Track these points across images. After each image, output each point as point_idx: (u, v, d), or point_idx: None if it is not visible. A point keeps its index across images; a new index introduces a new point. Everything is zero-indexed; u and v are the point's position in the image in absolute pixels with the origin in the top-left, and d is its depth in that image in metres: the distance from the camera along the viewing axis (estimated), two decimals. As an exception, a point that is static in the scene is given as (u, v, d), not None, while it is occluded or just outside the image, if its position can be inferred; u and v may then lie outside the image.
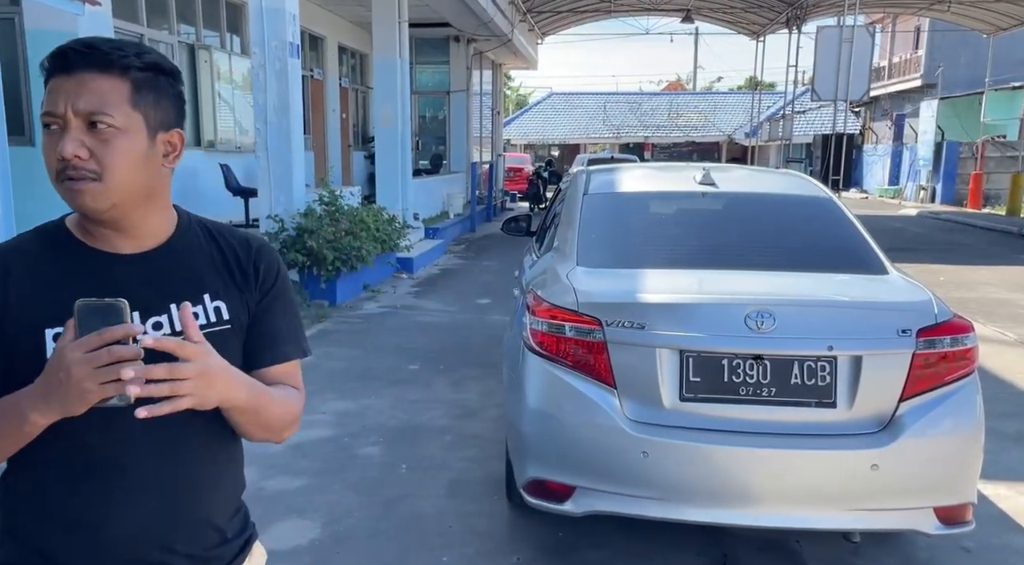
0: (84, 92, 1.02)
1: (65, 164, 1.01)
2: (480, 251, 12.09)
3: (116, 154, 1.03)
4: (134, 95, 1.05)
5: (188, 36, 9.16)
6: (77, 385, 0.92)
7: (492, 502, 3.36)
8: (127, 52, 1.05)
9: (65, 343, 0.93)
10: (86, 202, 1.03)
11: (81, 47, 1.03)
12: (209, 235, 1.21)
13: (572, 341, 2.66)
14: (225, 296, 1.16)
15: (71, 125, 1.02)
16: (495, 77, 20.01)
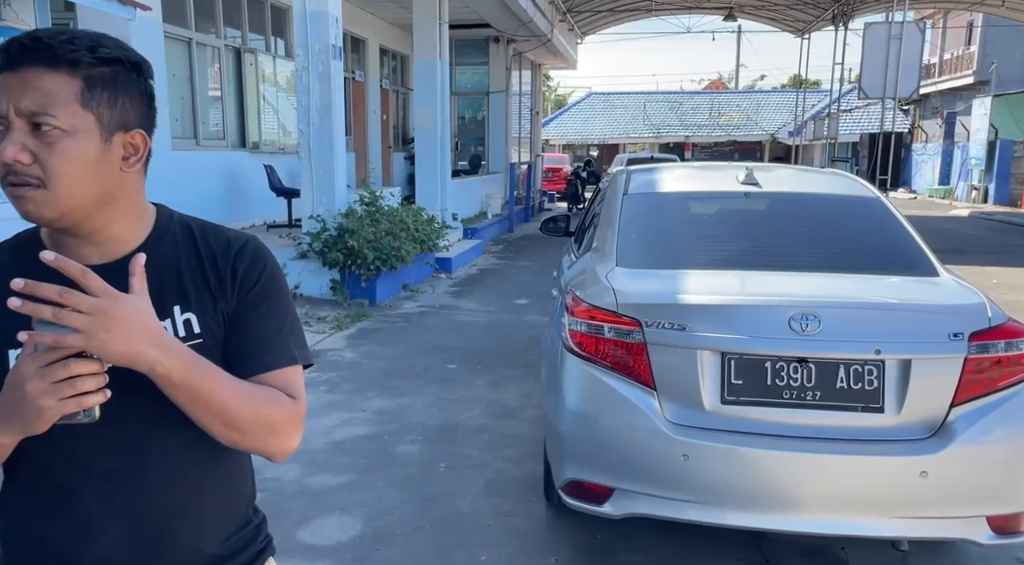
0: (27, 90, 0.92)
1: (7, 168, 0.92)
2: (518, 251, 12.10)
3: (61, 159, 0.93)
4: (85, 93, 0.94)
5: (234, 39, 9.36)
6: (33, 402, 0.85)
7: (530, 502, 3.36)
8: (78, 45, 0.94)
9: (22, 357, 0.87)
10: (30, 210, 0.94)
11: (27, 40, 0.93)
12: (190, 238, 1.09)
13: (611, 342, 2.65)
14: (197, 307, 1.04)
15: (13, 126, 0.92)
16: (534, 77, 20.01)
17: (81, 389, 0.86)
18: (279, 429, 1.05)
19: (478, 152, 17.07)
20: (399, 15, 13.22)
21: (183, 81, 8.28)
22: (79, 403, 0.86)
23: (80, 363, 0.85)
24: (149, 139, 1.03)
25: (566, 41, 17.97)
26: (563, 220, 5.07)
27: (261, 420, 1.02)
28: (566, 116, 34.22)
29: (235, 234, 1.12)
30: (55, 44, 0.93)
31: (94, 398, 0.87)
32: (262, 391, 1.03)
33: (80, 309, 0.84)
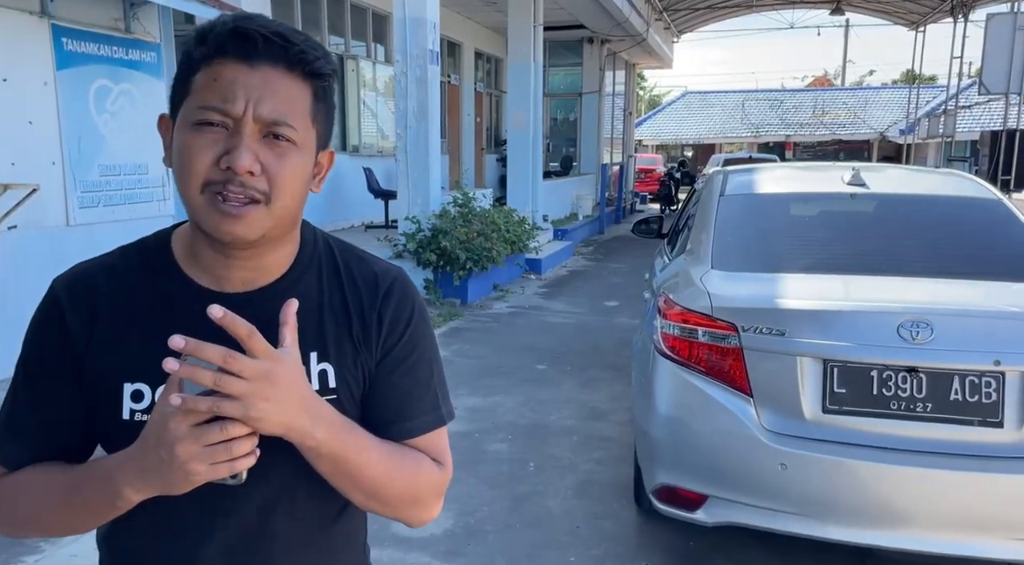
0: (270, 94, 0.82)
1: (229, 177, 0.81)
2: (608, 253, 12.01)
3: (290, 174, 0.84)
4: (313, 105, 0.86)
5: (338, 47, 9.74)
6: (182, 466, 0.76)
7: (620, 505, 3.34)
8: (318, 51, 0.86)
9: (166, 406, 0.76)
10: (238, 231, 0.83)
11: (271, 34, 0.82)
12: (333, 267, 0.97)
13: (706, 346, 2.60)
14: (335, 357, 0.92)
15: (245, 129, 0.81)
16: (628, 77, 19.81)
17: (237, 454, 0.77)
18: (422, 500, 0.97)
19: (569, 153, 17.05)
20: (495, 19, 13.39)
21: (289, 88, 8.68)
22: (231, 468, 0.77)
23: (237, 425, 0.76)
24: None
25: (661, 40, 17.70)
26: (655, 222, 5.01)
27: (406, 492, 0.94)
28: (660, 116, 33.67)
29: (381, 267, 1.00)
30: (303, 47, 0.84)
31: (246, 461, 0.78)
32: (409, 460, 0.94)
33: (243, 375, 0.75)
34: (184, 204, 0.86)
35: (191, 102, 0.84)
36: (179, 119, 0.85)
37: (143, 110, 5.42)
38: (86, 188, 4.96)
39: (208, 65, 0.83)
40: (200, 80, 0.83)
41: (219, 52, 0.82)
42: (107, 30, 5.09)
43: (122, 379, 0.88)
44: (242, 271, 0.90)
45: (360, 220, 9.75)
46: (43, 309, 0.92)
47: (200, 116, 0.82)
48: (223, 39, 0.82)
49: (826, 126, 29.83)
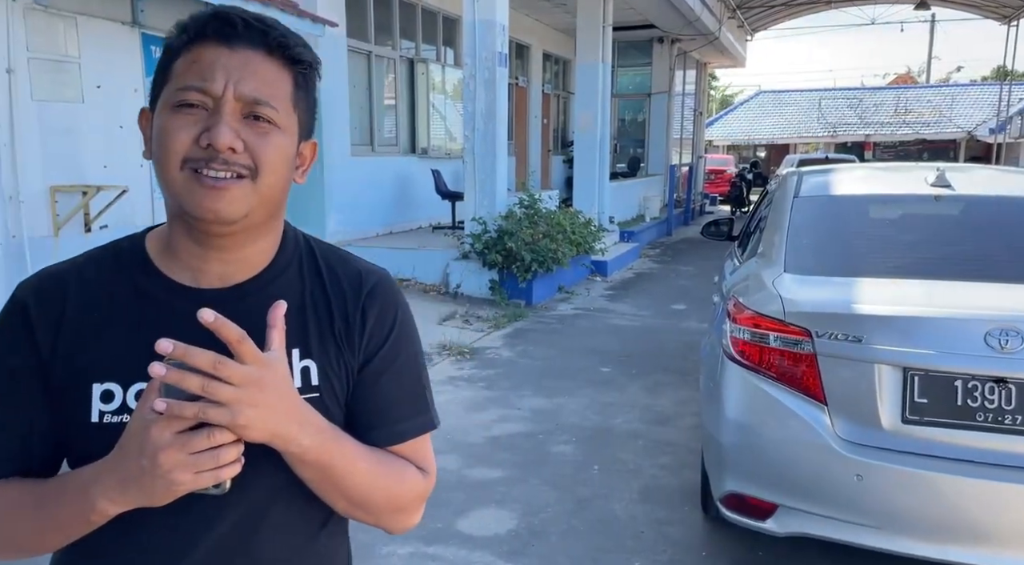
0: (250, 74, 0.81)
1: (211, 155, 0.79)
2: (676, 255, 11.83)
3: (273, 154, 0.83)
4: (295, 92, 0.86)
5: (408, 51, 9.91)
6: (165, 475, 0.73)
7: (685, 511, 3.29)
8: (298, 39, 0.86)
9: (146, 414, 0.73)
10: (221, 206, 0.80)
11: (253, 20, 0.83)
12: (314, 264, 0.95)
13: (777, 352, 2.53)
14: (318, 354, 0.89)
15: (226, 109, 0.80)
16: (699, 77, 19.46)
17: (223, 462, 0.74)
18: (406, 507, 0.95)
19: (637, 154, 16.88)
20: (563, 20, 13.38)
21: (362, 91, 8.89)
22: (217, 476, 0.74)
23: (224, 432, 0.73)
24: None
25: (734, 38, 17.32)
26: (726, 224, 4.90)
27: (391, 500, 0.92)
28: (732, 116, 32.94)
29: (365, 267, 0.97)
30: (284, 33, 0.84)
31: (231, 469, 0.75)
32: (394, 468, 0.92)
33: (232, 381, 0.73)
34: (164, 188, 0.83)
35: (170, 87, 0.82)
36: (159, 105, 0.83)
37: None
38: (171, 189, 5.21)
39: (187, 50, 0.82)
40: (180, 65, 0.82)
41: (199, 36, 0.82)
42: (192, 38, 5.34)
43: (91, 380, 0.83)
44: (220, 265, 0.87)
45: (427, 221, 9.90)
46: (7, 315, 0.86)
47: (179, 97, 0.81)
48: (203, 23, 0.82)
49: (909, 125, 28.54)
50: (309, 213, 7.94)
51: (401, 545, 2.99)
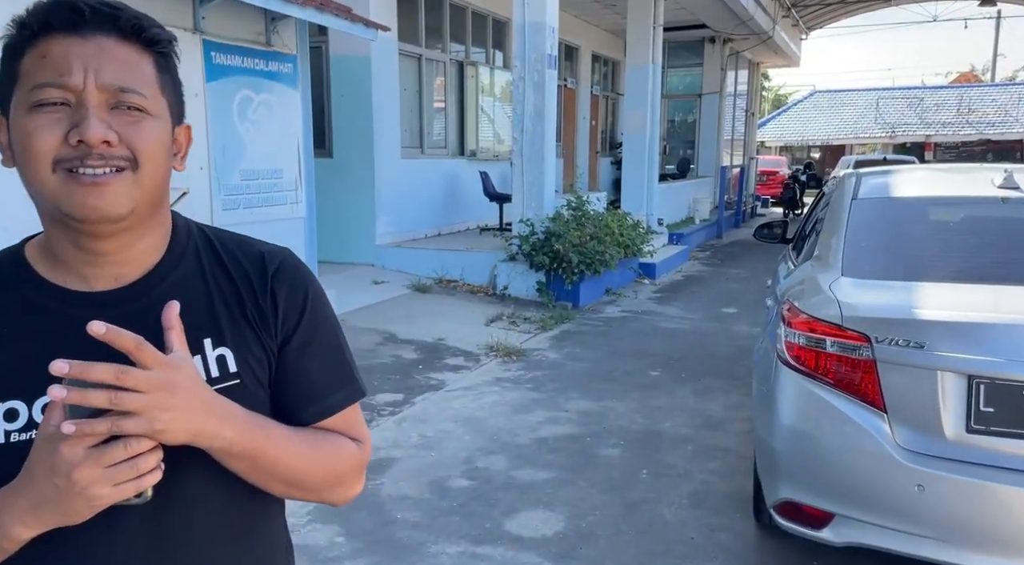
0: (108, 61, 0.76)
1: (85, 152, 0.74)
2: (727, 258, 11.64)
3: (151, 140, 0.78)
4: (159, 75, 0.81)
5: (458, 54, 9.99)
6: (83, 492, 0.70)
7: (737, 518, 3.23)
8: (151, 21, 0.81)
9: (51, 431, 0.69)
10: (105, 203, 0.76)
11: (99, 4, 0.77)
12: (212, 252, 0.91)
13: (834, 357, 2.47)
14: (232, 341, 0.86)
15: (91, 101, 0.75)
16: (751, 77, 19.14)
17: (143, 470, 0.71)
18: (345, 479, 0.94)
19: (687, 156, 16.68)
20: (614, 21, 13.31)
21: (412, 95, 9.00)
22: (138, 486, 0.71)
23: (141, 440, 0.71)
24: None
25: (788, 37, 16.97)
26: (779, 226, 4.81)
27: (328, 476, 0.91)
28: (785, 116, 32.26)
29: (267, 247, 0.94)
30: (130, 13, 0.79)
31: (152, 477, 0.72)
32: (327, 444, 0.91)
33: (139, 389, 0.70)
34: (36, 195, 0.78)
35: (22, 87, 0.76)
36: (13, 110, 0.77)
37: (280, 118, 5.79)
38: (228, 191, 5.35)
39: (33, 46, 0.76)
40: (27, 62, 0.76)
41: (44, 29, 0.75)
42: (250, 44, 5.48)
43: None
44: (111, 266, 0.83)
45: (475, 223, 9.96)
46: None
47: (35, 97, 0.75)
48: (46, 14, 0.75)
49: (972, 125, 27.52)
50: (359, 214, 8.08)
51: (450, 544, 3.02)
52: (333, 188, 7.83)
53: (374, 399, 4.62)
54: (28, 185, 0.78)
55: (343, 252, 7.99)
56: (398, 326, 6.17)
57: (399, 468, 3.72)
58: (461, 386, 5.03)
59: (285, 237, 5.86)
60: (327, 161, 7.91)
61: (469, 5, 9.97)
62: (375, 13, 7.43)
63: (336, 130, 8.12)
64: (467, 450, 3.97)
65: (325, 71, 7.95)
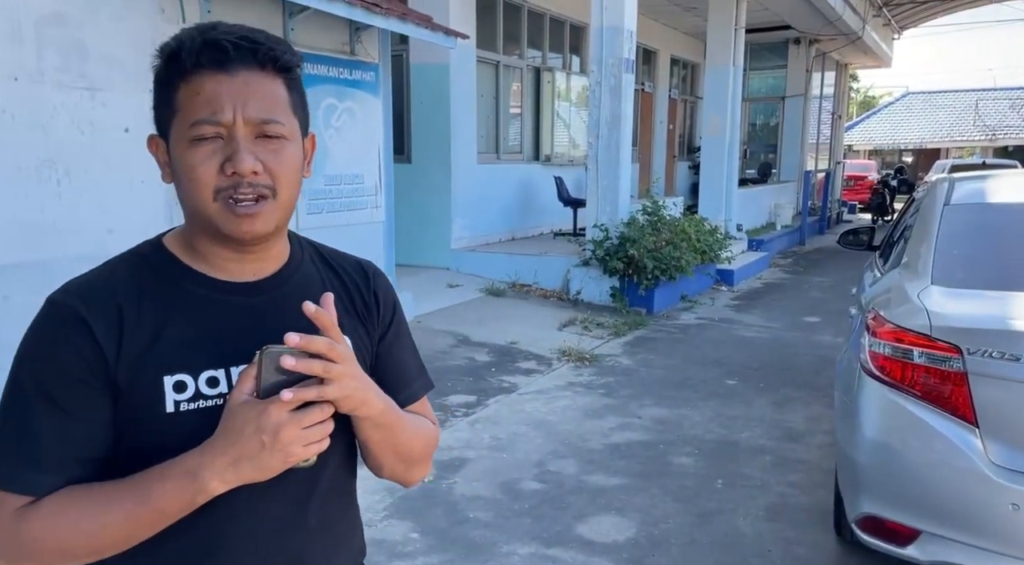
0: (252, 96, 0.87)
1: (237, 181, 0.86)
2: (810, 266, 11.27)
3: (288, 166, 0.90)
4: (291, 97, 0.92)
5: (535, 59, 10.06)
6: (284, 448, 0.82)
7: (816, 532, 3.13)
8: (283, 46, 0.91)
9: (249, 399, 0.83)
10: (256, 227, 0.89)
11: (237, 39, 0.87)
12: (321, 257, 1.06)
13: (922, 369, 2.37)
14: (349, 331, 0.98)
15: (239, 135, 0.86)
16: (838, 78, 18.46)
17: (327, 433, 0.85)
18: (429, 455, 1.09)
19: (768, 160, 16.23)
20: (693, 24, 13.11)
21: (489, 100, 9.12)
22: (320, 447, 0.85)
23: (326, 407, 0.84)
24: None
25: (879, 37, 16.30)
26: (866, 232, 4.63)
27: (424, 450, 1.06)
28: (875, 119, 30.96)
29: (360, 258, 1.10)
30: (266, 43, 0.88)
31: (326, 442, 0.86)
32: (421, 421, 1.07)
33: (339, 361, 0.84)
34: (196, 214, 0.90)
35: (181, 120, 0.87)
36: (173, 138, 0.89)
37: (362, 125, 5.97)
38: (313, 196, 5.56)
39: (187, 81, 0.86)
40: (183, 97, 0.87)
41: (196, 66, 0.86)
42: (335, 53, 5.68)
43: (161, 373, 0.88)
44: (252, 263, 0.95)
45: (549, 228, 9.99)
46: (57, 325, 0.88)
47: (194, 133, 0.86)
48: (196, 53, 0.86)
49: (1082, 126, 25.70)
50: (435, 219, 8.23)
51: (521, 545, 3.05)
52: (411, 193, 8.01)
53: (448, 400, 4.70)
54: (188, 203, 0.90)
55: (419, 256, 8.16)
56: (472, 329, 6.26)
57: (472, 468, 3.78)
58: (533, 390, 5.06)
59: (365, 241, 6.04)
60: (406, 166, 8.10)
61: (547, 11, 10.02)
62: (455, 21, 7.57)
63: (415, 136, 8.31)
64: (539, 453, 3.99)
65: (405, 78, 8.15)
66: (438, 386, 4.88)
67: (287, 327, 0.83)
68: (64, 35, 3.83)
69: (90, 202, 3.95)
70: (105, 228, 3.98)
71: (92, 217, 3.93)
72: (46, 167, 3.79)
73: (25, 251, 3.63)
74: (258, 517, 0.93)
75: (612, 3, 7.31)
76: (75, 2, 3.86)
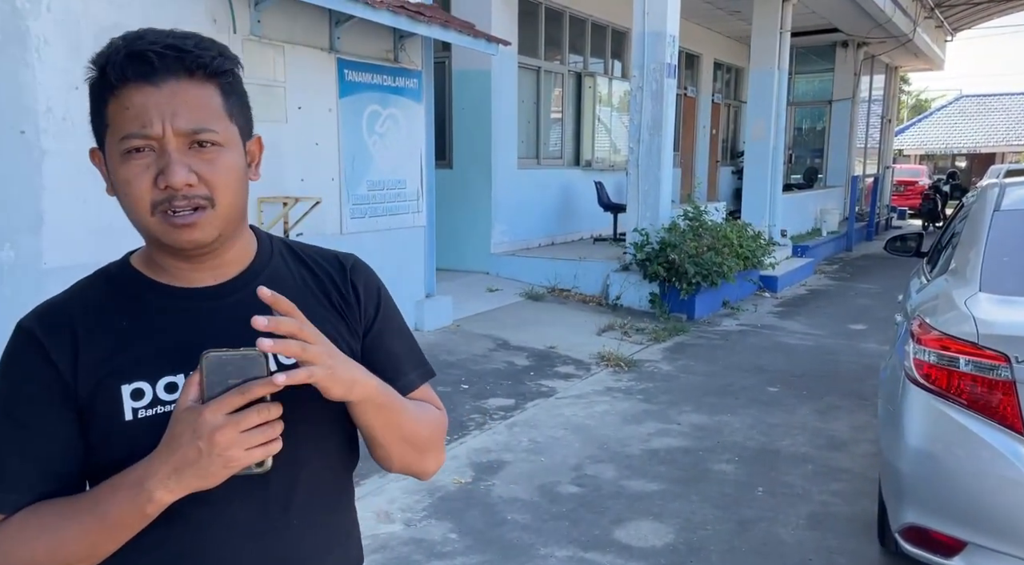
0: (181, 106, 0.85)
1: (171, 195, 0.85)
2: (856, 272, 11.03)
3: (225, 174, 0.88)
4: (225, 102, 0.90)
5: (576, 65, 10.08)
6: (222, 453, 0.78)
7: (859, 542, 3.08)
8: (212, 51, 0.88)
9: (191, 405, 0.80)
10: (195, 236, 0.88)
11: (162, 48, 0.85)
12: (293, 254, 1.04)
13: (968, 377, 2.32)
14: (323, 329, 0.92)
15: (170, 146, 0.85)
16: (888, 82, 18.04)
17: (271, 436, 0.80)
18: (440, 441, 1.06)
19: (814, 165, 15.95)
20: (737, 28, 12.98)
21: (530, 106, 9.16)
22: (266, 451, 0.80)
23: (272, 407, 0.80)
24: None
25: (931, 39, 15.90)
26: (914, 239, 4.53)
27: (432, 435, 1.03)
28: (926, 123, 30.16)
29: (337, 251, 1.08)
30: (194, 50, 0.86)
31: (275, 445, 0.81)
32: (427, 407, 1.04)
33: (311, 341, 0.82)
34: (139, 229, 0.90)
35: (112, 134, 0.87)
36: (108, 153, 0.89)
37: (405, 131, 6.07)
38: (356, 201, 5.66)
39: (115, 95, 0.85)
40: (112, 111, 0.86)
41: (121, 80, 0.84)
42: (379, 61, 5.79)
43: (118, 382, 0.88)
44: (210, 270, 0.95)
45: (589, 233, 9.98)
46: (17, 348, 0.90)
47: (125, 146, 0.85)
48: (121, 66, 0.84)
49: None
50: (476, 223, 8.30)
51: (559, 548, 3.06)
52: (452, 198, 8.09)
53: (486, 403, 4.74)
54: (129, 217, 0.90)
55: (459, 260, 8.24)
56: (511, 333, 6.29)
57: (510, 471, 3.81)
58: (572, 394, 5.06)
59: (406, 245, 6.13)
60: (447, 172, 8.19)
61: (589, 16, 10.04)
62: (497, 28, 7.64)
63: (456, 142, 8.40)
64: (577, 457, 4.00)
65: (447, 85, 8.25)
66: (476, 389, 4.95)
67: (250, 329, 0.80)
68: (122, 46, 3.99)
69: (145, 206, 4.10)
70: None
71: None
72: (104, 172, 3.94)
73: (86, 253, 3.79)
74: (230, 524, 0.91)
75: (654, 8, 7.29)
76: (133, 14, 4.02)
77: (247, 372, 0.79)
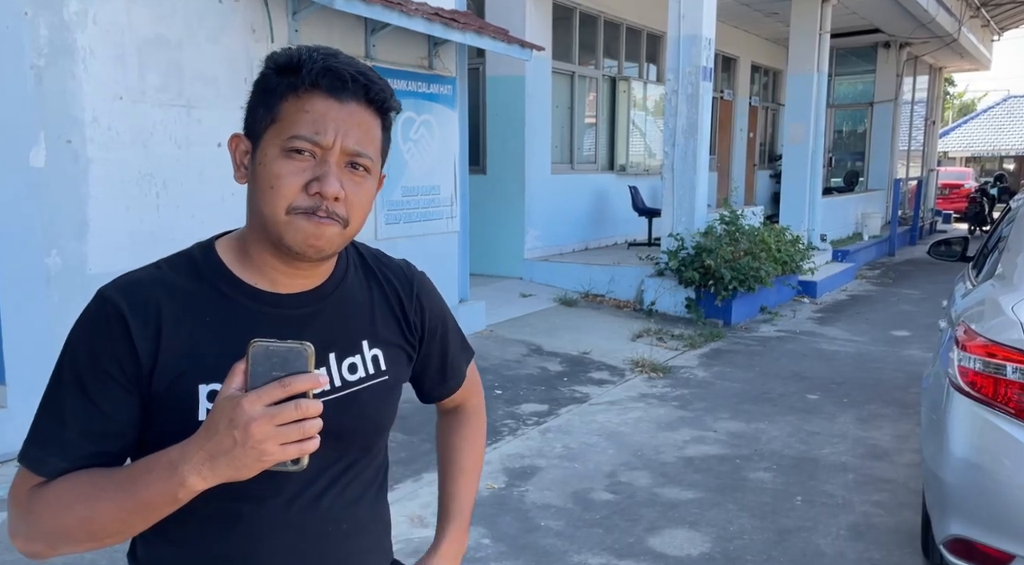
0: (354, 127, 0.90)
1: (317, 203, 0.88)
2: (899, 277, 10.77)
3: (365, 199, 0.93)
4: (383, 136, 0.96)
5: (610, 69, 10.04)
6: (256, 446, 0.76)
7: (903, 554, 3.00)
8: (389, 90, 0.95)
9: (233, 393, 0.78)
10: (322, 246, 0.91)
11: (357, 74, 0.90)
12: (365, 265, 1.07)
13: (1016, 385, 2.25)
14: (384, 341, 1.03)
15: (332, 158, 0.89)
16: (932, 83, 17.62)
17: (308, 433, 0.78)
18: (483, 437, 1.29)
19: (855, 168, 15.63)
20: (775, 30, 12.81)
21: (564, 111, 9.15)
22: (301, 449, 0.78)
23: (311, 404, 0.78)
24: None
25: (977, 39, 15.49)
26: (959, 243, 4.41)
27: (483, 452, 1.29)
28: (972, 124, 29.36)
29: (400, 261, 1.12)
30: (378, 82, 0.92)
31: (312, 443, 0.79)
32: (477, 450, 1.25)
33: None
34: (263, 221, 0.90)
35: (278, 130, 0.89)
36: (264, 144, 0.90)
37: (439, 138, 6.11)
38: (391, 207, 5.71)
39: (298, 96, 0.88)
40: (288, 109, 0.89)
41: (314, 86, 0.88)
42: (414, 68, 5.84)
43: (196, 381, 0.89)
44: (301, 278, 0.97)
45: (623, 238, 9.92)
46: (100, 318, 0.90)
47: (291, 144, 0.88)
48: (317, 74, 0.88)
49: None
50: (509, 229, 8.31)
51: (592, 555, 3.04)
52: (485, 203, 8.12)
53: (520, 408, 4.73)
54: (259, 209, 0.91)
55: (492, 265, 8.25)
56: (544, 338, 6.28)
57: (543, 477, 3.79)
58: (605, 400, 5.03)
59: (440, 251, 6.17)
60: (481, 177, 8.22)
61: (624, 21, 10.00)
62: (530, 34, 7.66)
63: (490, 147, 8.43)
64: (611, 464, 3.97)
65: (481, 91, 8.28)
66: (510, 395, 4.95)
67: (324, 340, 0.83)
68: (164, 57, 4.10)
69: (184, 213, 4.20)
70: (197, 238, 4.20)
71: (186, 227, 4.17)
72: (146, 180, 4.05)
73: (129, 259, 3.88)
74: (295, 529, 0.94)
75: (690, 11, 7.24)
76: (174, 26, 4.12)
77: (291, 365, 0.78)
